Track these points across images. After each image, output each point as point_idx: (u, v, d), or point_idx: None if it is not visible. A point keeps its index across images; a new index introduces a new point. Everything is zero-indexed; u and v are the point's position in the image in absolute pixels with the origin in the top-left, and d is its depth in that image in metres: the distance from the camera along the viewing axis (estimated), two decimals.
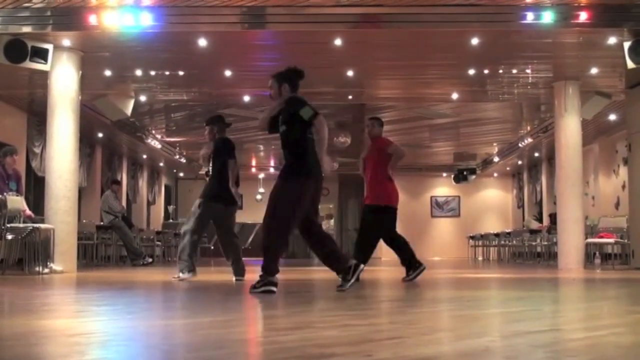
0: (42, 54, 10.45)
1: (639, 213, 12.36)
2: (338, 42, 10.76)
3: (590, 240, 13.12)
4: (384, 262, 18.20)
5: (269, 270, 5.95)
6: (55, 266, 10.09)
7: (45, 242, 10.05)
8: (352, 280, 6.03)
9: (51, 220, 10.47)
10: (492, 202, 27.71)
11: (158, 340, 3.28)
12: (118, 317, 4.32)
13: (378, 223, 8.30)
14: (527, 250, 18.30)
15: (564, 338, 3.34)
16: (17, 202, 10.06)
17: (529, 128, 18.51)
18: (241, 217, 27.66)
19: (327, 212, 31.50)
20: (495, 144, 21.60)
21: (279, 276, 6.04)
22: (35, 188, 15.06)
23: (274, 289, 5.89)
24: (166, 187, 27.47)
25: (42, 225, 10.11)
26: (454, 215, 27.52)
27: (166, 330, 3.65)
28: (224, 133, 8.66)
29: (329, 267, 6.27)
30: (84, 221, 14.99)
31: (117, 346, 3.06)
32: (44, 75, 10.88)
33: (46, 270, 9.82)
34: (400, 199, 8.58)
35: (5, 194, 9.85)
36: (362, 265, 6.16)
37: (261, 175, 27.18)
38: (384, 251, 11.60)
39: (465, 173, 25.55)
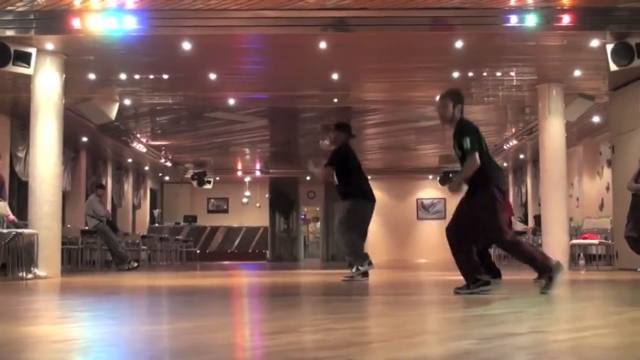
0: (25, 58, 10.38)
1: (623, 214, 12.38)
2: (323, 45, 10.76)
3: (574, 241, 13.18)
4: None
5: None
6: (39, 271, 10.02)
7: (28, 247, 9.98)
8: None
9: (35, 225, 10.40)
10: None
11: (141, 346, 3.26)
12: (101, 322, 4.31)
13: None
14: None
15: (546, 340, 3.35)
16: (0, 207, 9.99)
17: (513, 130, 18.58)
18: (227, 220, 27.77)
19: (314, 214, 31.52)
20: None
21: None
22: (19, 193, 14.98)
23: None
24: (152, 191, 27.41)
25: (25, 230, 10.04)
26: (439, 217, 27.48)
27: (150, 336, 3.63)
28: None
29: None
30: (69, 226, 14.92)
31: (100, 352, 3.04)
32: (27, 79, 10.81)
33: (30, 276, 9.75)
34: (385, 202, 8.61)
35: None
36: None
37: (247, 179, 27.17)
38: (370, 253, 11.62)
39: (451, 175, 25.56)
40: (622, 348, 3.10)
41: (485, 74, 12.54)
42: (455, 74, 12.41)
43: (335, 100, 14.60)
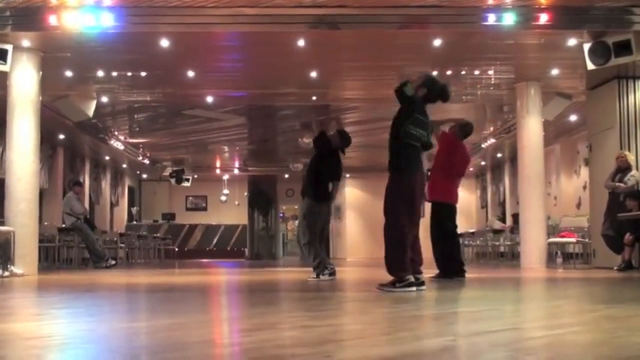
0: (1, 55, 10.31)
1: (600, 213, 12.51)
2: (301, 43, 10.77)
3: (552, 239, 13.26)
4: (349, 263, 18.24)
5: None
6: (16, 269, 9.96)
7: (5, 245, 9.93)
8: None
9: (11, 223, 10.33)
10: None
11: (118, 343, 3.24)
12: (78, 319, 4.28)
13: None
14: (490, 249, 18.46)
15: (523, 337, 3.36)
16: None
17: (492, 129, 18.65)
18: (205, 218, 27.69)
19: (293, 212, 31.51)
20: None
21: None
22: None
23: None
24: (130, 188, 27.29)
25: (2, 228, 9.98)
26: None
27: (126, 333, 3.61)
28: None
29: None
30: (46, 223, 14.82)
31: (75, 349, 3.02)
32: (4, 76, 10.73)
33: (6, 274, 9.69)
34: (363, 200, 8.69)
35: None
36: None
37: (225, 177, 27.10)
38: (349, 251, 11.68)
39: (428, 173, 25.66)
40: (596, 345, 3.12)
41: (463, 72, 12.59)
42: (434, 72, 12.41)
43: (314, 98, 14.60)
